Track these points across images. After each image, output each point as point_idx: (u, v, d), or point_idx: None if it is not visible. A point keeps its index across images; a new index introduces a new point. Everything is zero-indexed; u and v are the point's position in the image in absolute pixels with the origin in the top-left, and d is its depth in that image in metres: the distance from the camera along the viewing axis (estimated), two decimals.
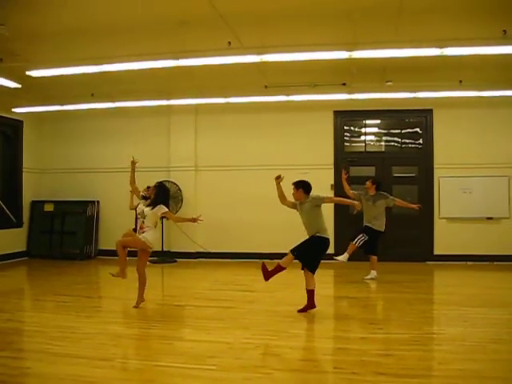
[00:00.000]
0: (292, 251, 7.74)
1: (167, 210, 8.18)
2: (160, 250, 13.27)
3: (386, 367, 5.20)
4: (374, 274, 10.69)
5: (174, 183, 13.32)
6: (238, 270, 10.56)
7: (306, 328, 7.14)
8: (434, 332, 6.94)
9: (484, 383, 4.80)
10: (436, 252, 13.13)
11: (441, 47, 8.42)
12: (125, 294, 9.30)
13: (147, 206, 8.22)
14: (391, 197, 10.88)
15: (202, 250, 12.78)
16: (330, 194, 13.22)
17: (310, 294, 7.71)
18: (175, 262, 13.29)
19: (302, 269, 7.79)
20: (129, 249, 8.25)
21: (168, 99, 12.81)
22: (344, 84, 11.87)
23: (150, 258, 12.97)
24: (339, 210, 13.31)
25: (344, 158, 13.51)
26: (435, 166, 13.20)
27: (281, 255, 7.97)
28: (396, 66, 10.52)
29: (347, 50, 8.58)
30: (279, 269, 7.75)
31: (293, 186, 7.94)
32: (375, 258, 10.73)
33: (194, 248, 13.27)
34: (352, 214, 10.53)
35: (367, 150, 13.78)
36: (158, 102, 12.87)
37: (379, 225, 10.69)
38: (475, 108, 12.88)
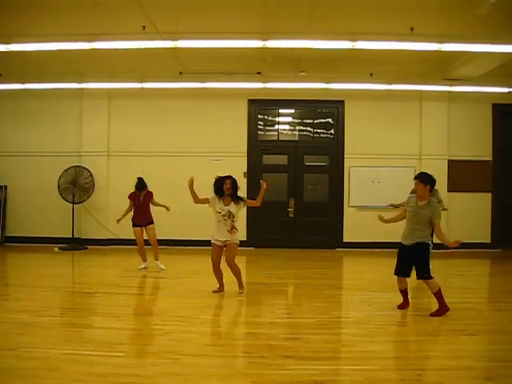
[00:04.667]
0: (421, 277, 6.88)
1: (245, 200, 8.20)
2: (71, 236, 12.99)
3: (292, 350, 5.34)
4: None
5: (86, 168, 13.04)
6: (149, 256, 10.49)
7: (216, 314, 7.21)
8: (340, 316, 7.20)
9: (384, 363, 5.03)
10: (345, 239, 13.53)
11: (353, 40, 8.67)
12: (33, 282, 9.03)
13: (229, 203, 7.95)
14: None
15: (113, 237, 12.60)
16: (243, 182, 13.34)
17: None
18: (86, 248, 13.02)
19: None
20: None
21: (80, 82, 12.50)
22: (259, 73, 11.99)
23: (60, 245, 12.73)
24: (251, 197, 13.43)
25: (257, 146, 13.65)
26: (346, 155, 13.57)
27: (193, 242, 8.01)
28: (310, 56, 10.75)
29: (262, 40, 8.68)
30: (440, 294, 6.88)
31: (417, 180, 7.02)
32: None
33: (105, 235, 13.05)
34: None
35: (280, 138, 13.96)
36: (69, 84, 12.55)
37: None
38: (385, 100, 13.34)
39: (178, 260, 11.17)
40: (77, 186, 12.93)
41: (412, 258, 6.90)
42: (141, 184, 10.11)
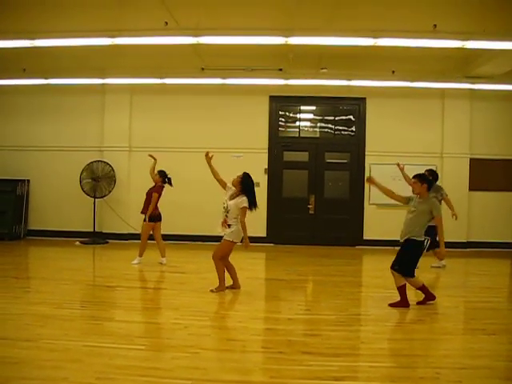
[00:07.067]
0: (392, 267, 7.28)
1: (246, 205, 7.70)
2: (92, 230, 13.13)
3: (311, 347, 5.37)
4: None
5: (107, 163, 13.15)
6: (170, 251, 10.53)
7: (236, 309, 7.25)
8: (359, 313, 7.20)
9: (403, 361, 5.03)
10: (365, 237, 13.50)
11: (375, 37, 8.63)
12: (54, 275, 9.13)
13: (230, 198, 7.83)
14: None
15: (133, 232, 12.68)
16: (264, 178, 13.37)
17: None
18: (107, 243, 13.15)
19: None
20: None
21: (102, 78, 12.59)
22: (280, 69, 11.99)
23: (81, 239, 12.86)
24: (271, 193, 13.49)
25: (278, 143, 13.65)
26: (367, 153, 13.52)
27: (213, 238, 8.05)
28: (331, 54, 10.71)
29: (284, 36, 8.67)
30: (403, 290, 7.25)
31: (414, 179, 7.40)
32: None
33: (125, 229, 13.14)
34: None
35: (301, 135, 13.94)
36: (92, 80, 12.66)
37: None
38: (406, 98, 13.26)
39: (199, 255, 11.21)
40: (98, 180, 13.04)
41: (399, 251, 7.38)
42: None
